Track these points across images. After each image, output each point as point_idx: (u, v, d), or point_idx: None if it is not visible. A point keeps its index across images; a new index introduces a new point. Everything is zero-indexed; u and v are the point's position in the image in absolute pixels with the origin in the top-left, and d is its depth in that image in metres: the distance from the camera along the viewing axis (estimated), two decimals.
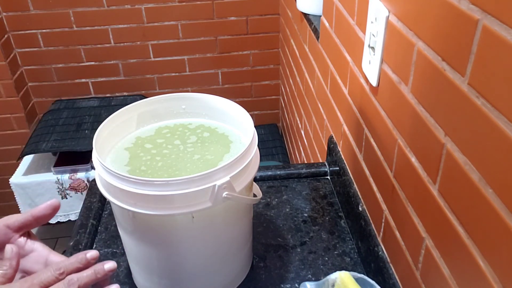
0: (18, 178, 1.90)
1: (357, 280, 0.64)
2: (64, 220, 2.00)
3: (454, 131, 0.49)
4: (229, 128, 0.78)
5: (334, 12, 0.95)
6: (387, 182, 0.69)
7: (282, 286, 0.76)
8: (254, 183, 0.75)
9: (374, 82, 0.71)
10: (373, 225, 0.77)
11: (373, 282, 0.64)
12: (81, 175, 1.90)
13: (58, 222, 2.01)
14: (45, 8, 1.98)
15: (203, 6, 2.04)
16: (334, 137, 1.01)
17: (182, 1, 2.02)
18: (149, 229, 0.65)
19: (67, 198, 1.94)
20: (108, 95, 2.24)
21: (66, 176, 1.89)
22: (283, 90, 2.15)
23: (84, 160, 1.90)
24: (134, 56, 2.14)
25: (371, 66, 0.71)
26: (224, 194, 0.59)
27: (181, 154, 0.72)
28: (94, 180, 0.77)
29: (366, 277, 0.65)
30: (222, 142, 0.75)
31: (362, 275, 0.65)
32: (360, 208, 0.81)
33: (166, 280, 0.71)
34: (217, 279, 0.73)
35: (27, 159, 1.99)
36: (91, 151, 0.66)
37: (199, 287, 0.72)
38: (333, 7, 0.95)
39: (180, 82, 2.24)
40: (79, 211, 0.92)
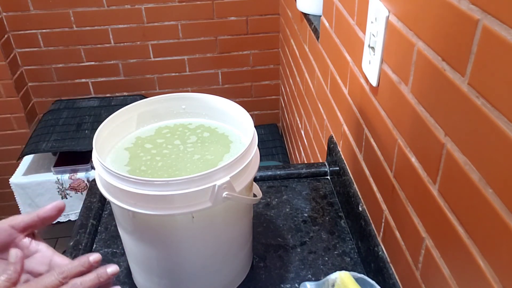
0: (18, 178, 1.90)
1: (357, 280, 0.64)
2: (64, 220, 2.00)
3: (454, 131, 0.49)
4: (229, 128, 0.78)
5: (334, 12, 0.95)
6: (387, 182, 0.69)
7: (282, 286, 0.76)
8: (254, 183, 0.75)
9: (374, 82, 0.71)
10: (373, 225, 0.77)
11: (373, 282, 0.64)
12: (81, 175, 1.90)
13: (58, 222, 2.00)
14: (45, 8, 1.98)
15: (203, 6, 2.04)
16: (334, 137, 1.01)
17: (182, 1, 2.02)
18: (149, 229, 0.65)
19: (67, 198, 1.94)
20: (108, 95, 2.24)
21: (66, 176, 1.89)
22: (283, 90, 2.15)
23: (84, 160, 1.90)
24: (134, 56, 2.14)
25: (371, 66, 0.71)
26: (224, 194, 0.59)
27: (181, 154, 0.72)
28: (94, 180, 0.77)
29: (366, 277, 0.65)
30: (222, 142, 0.75)
31: (362, 275, 0.65)
32: (360, 208, 0.81)
33: (166, 280, 0.71)
34: (217, 279, 0.73)
35: (27, 159, 1.99)
36: (91, 151, 0.66)
37: (199, 287, 0.72)
38: (333, 7, 0.95)
39: (180, 82, 2.24)
40: (79, 211, 0.92)
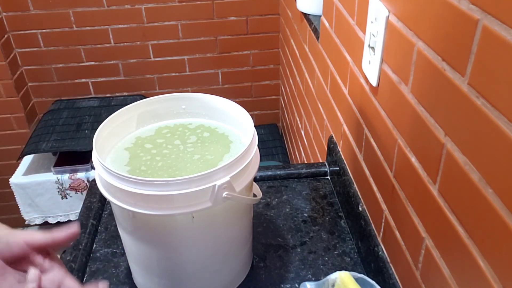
0: (18, 178, 1.90)
1: (357, 280, 0.64)
2: (64, 220, 2.00)
3: (454, 131, 0.49)
4: (229, 128, 0.78)
5: (334, 12, 0.95)
6: (387, 182, 0.69)
7: (282, 286, 0.76)
8: (254, 183, 0.75)
9: (374, 82, 0.71)
10: (373, 225, 0.77)
11: (373, 282, 0.64)
12: (81, 175, 1.90)
13: (58, 222, 2.01)
14: (45, 8, 1.97)
15: (203, 6, 2.04)
16: (334, 137, 1.01)
17: (182, 1, 2.02)
18: (149, 229, 0.65)
19: (67, 198, 1.94)
20: (108, 95, 2.24)
21: (66, 176, 1.89)
22: (283, 90, 2.15)
23: (84, 160, 1.90)
24: (134, 56, 2.14)
25: (371, 66, 0.71)
26: (224, 194, 0.59)
27: (181, 154, 0.72)
28: (94, 180, 0.77)
29: (366, 277, 0.65)
30: (222, 142, 0.75)
31: (362, 275, 0.65)
32: (360, 208, 0.81)
33: (166, 280, 0.71)
34: (217, 279, 0.73)
35: (27, 159, 1.99)
36: (91, 151, 0.66)
37: (199, 287, 0.72)
38: (333, 7, 0.95)
39: (180, 82, 2.24)
40: (79, 211, 0.92)
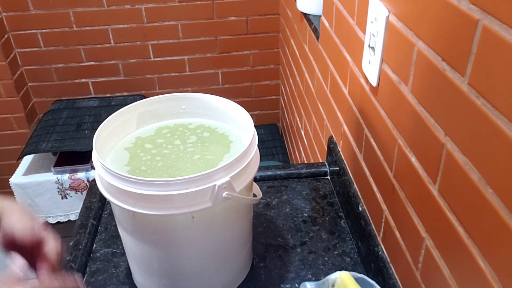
0: (18, 178, 1.90)
1: (357, 280, 0.64)
2: (64, 220, 2.00)
3: (454, 131, 0.49)
4: (229, 128, 0.78)
5: (334, 12, 0.95)
6: (387, 182, 0.69)
7: (282, 286, 0.76)
8: (254, 183, 0.75)
9: (374, 82, 0.71)
10: (373, 225, 0.77)
11: (373, 282, 0.64)
12: (81, 175, 1.90)
13: (58, 222, 2.01)
14: (45, 8, 1.97)
15: (203, 6, 2.04)
16: (334, 137, 1.01)
17: (182, 1, 2.02)
18: (149, 229, 0.65)
19: (67, 198, 1.94)
20: (108, 95, 2.23)
21: (66, 176, 1.89)
22: (283, 90, 2.15)
23: (84, 160, 1.90)
24: (134, 56, 2.14)
25: (371, 66, 0.71)
26: (224, 194, 0.59)
27: (181, 154, 0.72)
28: (94, 180, 0.77)
29: (366, 277, 0.65)
30: (222, 142, 0.75)
31: (362, 275, 0.65)
32: (360, 208, 0.81)
33: (166, 280, 0.71)
34: (217, 279, 0.73)
35: (27, 159, 1.99)
36: (91, 151, 0.66)
37: (199, 287, 0.72)
38: (333, 7, 0.95)
39: (180, 82, 2.24)
40: (79, 211, 0.92)
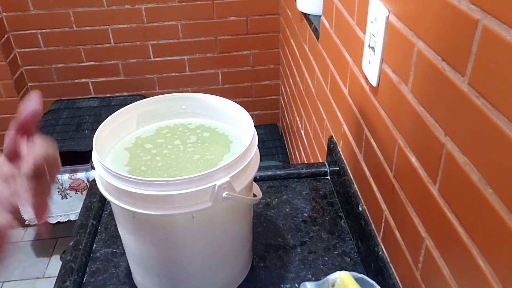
0: None
1: (357, 280, 0.64)
2: (64, 220, 2.00)
3: (454, 131, 0.49)
4: (229, 128, 0.78)
5: (334, 12, 0.95)
6: (387, 182, 0.69)
7: (282, 286, 0.76)
8: (254, 183, 0.75)
9: (374, 82, 0.71)
10: (373, 225, 0.77)
11: (373, 282, 0.64)
12: (81, 175, 1.90)
13: (58, 222, 2.01)
14: (45, 8, 1.97)
15: (203, 6, 2.04)
16: (334, 137, 1.01)
17: (182, 1, 2.02)
18: (149, 229, 0.65)
19: (67, 198, 1.94)
20: (108, 95, 2.23)
21: (66, 176, 1.89)
22: (283, 90, 2.15)
23: (84, 160, 1.90)
24: (134, 56, 2.14)
25: (371, 66, 0.71)
26: (224, 194, 0.59)
27: (181, 154, 0.72)
28: (94, 180, 0.77)
29: (366, 277, 0.65)
30: (222, 142, 0.75)
31: (362, 275, 0.65)
32: (360, 208, 0.81)
33: (166, 280, 0.71)
34: (217, 279, 0.73)
35: None
36: (91, 151, 0.66)
37: (199, 287, 0.72)
38: (333, 7, 0.95)
39: (180, 82, 2.24)
40: (79, 211, 0.92)
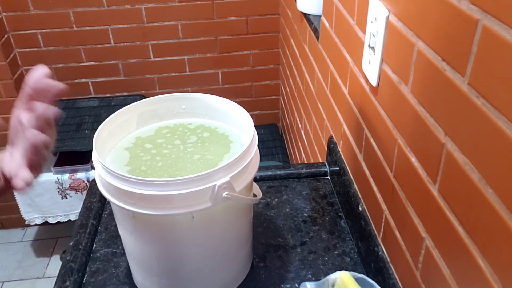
0: None
1: (357, 280, 0.64)
2: (64, 220, 2.00)
3: (454, 131, 0.49)
4: (229, 128, 0.78)
5: (334, 12, 0.95)
6: (387, 182, 0.69)
7: (282, 286, 0.76)
8: (254, 183, 0.75)
9: (374, 82, 0.71)
10: (373, 225, 0.77)
11: (373, 282, 0.64)
12: (81, 175, 1.90)
13: (58, 222, 2.01)
14: (45, 8, 1.97)
15: (203, 6, 2.04)
16: (334, 137, 1.01)
17: (182, 1, 2.02)
18: (149, 229, 0.65)
19: (67, 198, 1.94)
20: (108, 95, 2.23)
21: (66, 176, 1.89)
22: (283, 90, 2.15)
23: (84, 160, 1.90)
24: (134, 56, 2.14)
25: (371, 66, 0.71)
26: (224, 194, 0.59)
27: (181, 154, 0.72)
28: (94, 180, 0.77)
29: (366, 277, 0.65)
30: (222, 142, 0.75)
31: (362, 275, 0.65)
32: (360, 208, 0.81)
33: (166, 280, 0.71)
34: (217, 279, 0.73)
35: None
36: (91, 151, 0.66)
37: (199, 287, 0.72)
38: (333, 7, 0.95)
39: (180, 82, 2.24)
40: (79, 211, 0.92)
